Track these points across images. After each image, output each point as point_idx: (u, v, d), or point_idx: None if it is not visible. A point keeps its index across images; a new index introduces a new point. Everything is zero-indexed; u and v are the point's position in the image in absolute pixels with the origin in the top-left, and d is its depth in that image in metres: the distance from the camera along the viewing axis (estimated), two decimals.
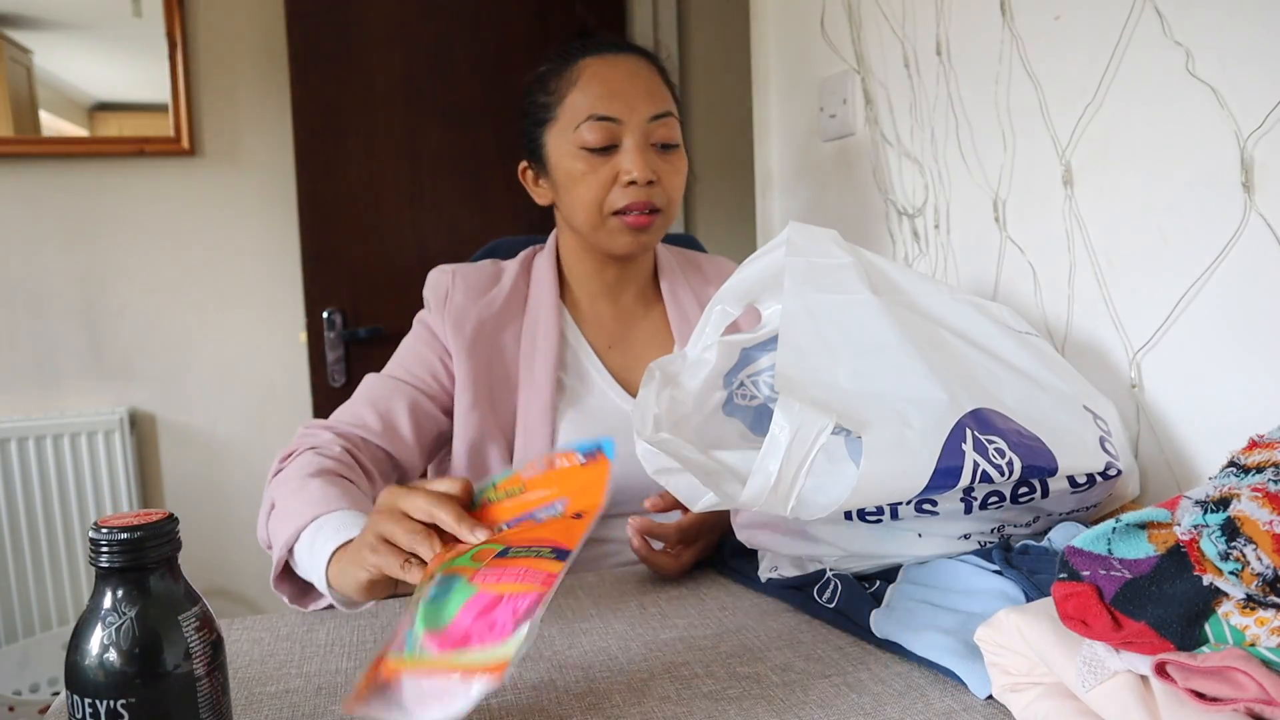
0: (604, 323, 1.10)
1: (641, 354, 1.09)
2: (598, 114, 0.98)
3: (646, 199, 0.99)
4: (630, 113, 0.99)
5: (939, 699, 0.60)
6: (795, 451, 0.63)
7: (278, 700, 0.64)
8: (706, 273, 1.17)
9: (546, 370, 1.03)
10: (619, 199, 0.99)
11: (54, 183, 2.11)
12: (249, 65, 2.20)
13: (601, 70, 1.01)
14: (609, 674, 0.66)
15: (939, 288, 0.84)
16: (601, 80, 1.00)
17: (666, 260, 1.15)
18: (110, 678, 0.46)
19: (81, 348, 2.15)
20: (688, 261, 1.18)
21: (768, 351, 0.87)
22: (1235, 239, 0.74)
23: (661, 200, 1.01)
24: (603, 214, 1.01)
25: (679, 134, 1.03)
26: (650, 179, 0.98)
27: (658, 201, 1.00)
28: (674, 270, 1.14)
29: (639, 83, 1.01)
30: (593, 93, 1.00)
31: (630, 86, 1.00)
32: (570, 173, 1.01)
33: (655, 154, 1.01)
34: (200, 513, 2.23)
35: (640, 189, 0.99)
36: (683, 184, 1.04)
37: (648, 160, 0.99)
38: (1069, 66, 0.89)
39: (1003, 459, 0.68)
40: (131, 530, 0.47)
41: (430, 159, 2.12)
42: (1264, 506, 0.46)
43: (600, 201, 1.00)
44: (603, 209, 1.00)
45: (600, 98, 0.99)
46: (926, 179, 1.13)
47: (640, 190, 0.99)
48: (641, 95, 1.00)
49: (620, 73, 1.01)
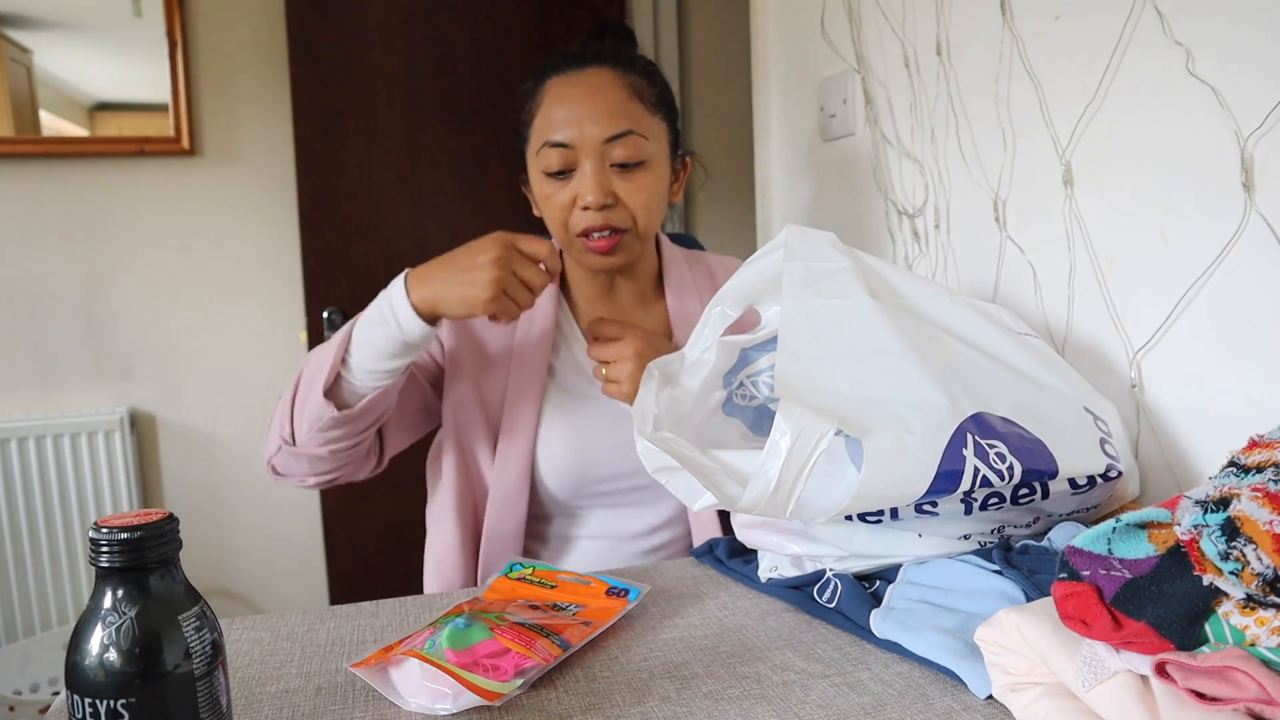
0: (594, 311, 1.10)
1: None
2: (551, 140, 0.98)
3: (604, 222, 0.98)
4: (582, 137, 0.97)
5: (939, 699, 0.60)
6: (796, 457, 0.63)
7: (278, 700, 0.64)
8: (715, 274, 1.16)
9: (539, 354, 1.05)
10: (579, 222, 0.99)
11: (54, 183, 2.11)
12: (249, 65, 2.20)
13: (562, 91, 1.00)
14: (609, 674, 0.66)
15: (937, 290, 0.84)
16: (560, 103, 1.00)
17: (673, 259, 1.15)
18: (110, 678, 0.46)
19: (81, 348, 2.15)
20: (697, 261, 1.17)
21: (767, 352, 0.87)
22: (1235, 239, 0.74)
23: (623, 221, 0.99)
24: (569, 235, 1.01)
25: (645, 150, 0.99)
26: (605, 202, 0.97)
27: (618, 223, 0.99)
28: (681, 270, 1.14)
29: (598, 102, 0.98)
30: (549, 117, 1.00)
31: (586, 108, 0.98)
32: (540, 194, 1.02)
33: (615, 174, 0.99)
34: (200, 513, 2.24)
35: (596, 213, 0.98)
36: (652, 200, 1.01)
37: (601, 183, 0.97)
38: (1069, 66, 0.89)
39: (1003, 463, 0.68)
40: (131, 530, 0.47)
41: (430, 159, 2.12)
42: (1264, 506, 0.46)
43: (565, 223, 1.00)
44: (568, 230, 1.01)
45: (554, 123, 0.99)
46: (926, 179, 1.13)
47: (596, 214, 0.98)
48: (598, 116, 0.97)
49: (579, 92, 0.99)
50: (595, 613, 0.73)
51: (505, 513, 1.03)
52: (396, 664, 0.63)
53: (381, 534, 2.12)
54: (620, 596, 0.76)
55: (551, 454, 1.03)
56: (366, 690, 0.64)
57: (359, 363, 0.93)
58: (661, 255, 1.14)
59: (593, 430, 1.04)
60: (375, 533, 2.13)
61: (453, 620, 0.67)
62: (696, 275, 1.15)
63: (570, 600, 0.76)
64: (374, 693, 0.63)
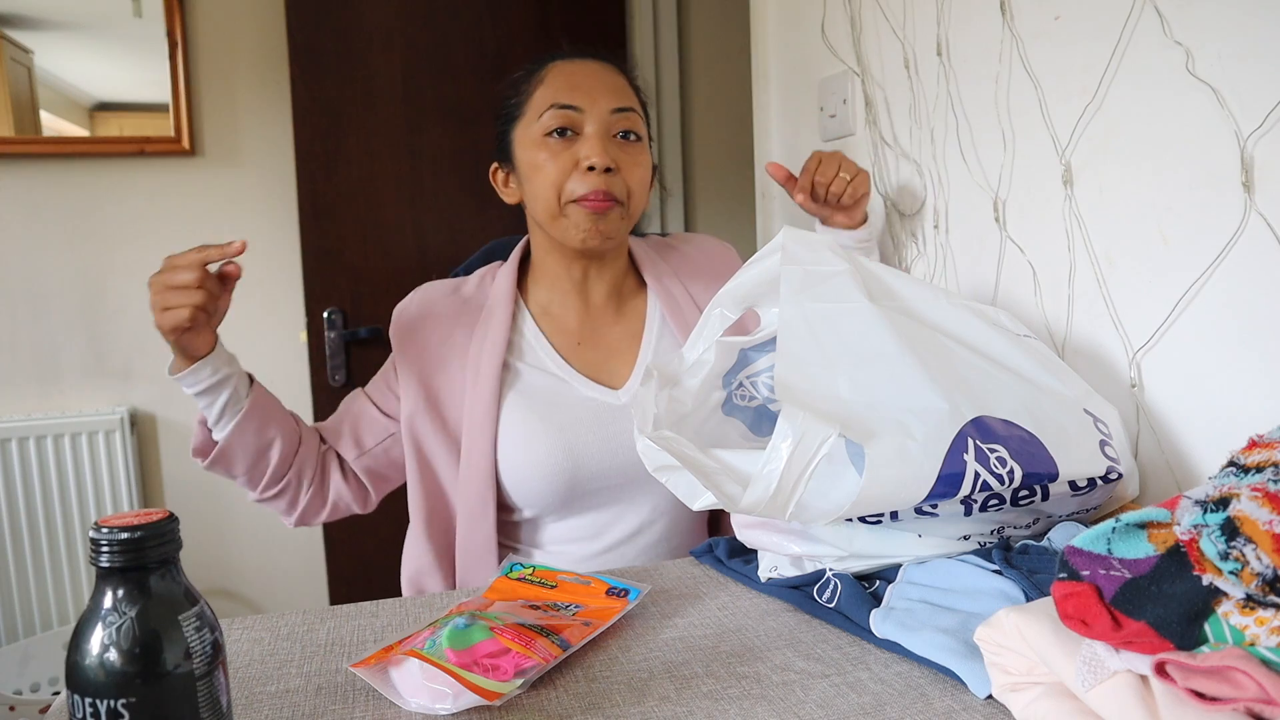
0: (573, 320, 1.10)
1: (615, 349, 1.10)
2: (560, 102, 1.01)
3: (604, 187, 1.00)
4: (592, 103, 1.01)
5: (939, 699, 0.60)
6: (797, 461, 0.63)
7: (278, 700, 0.64)
8: (684, 250, 1.18)
9: (493, 354, 1.04)
10: (578, 186, 1.00)
11: (54, 183, 2.11)
12: (249, 65, 2.20)
13: (568, 69, 1.05)
14: (609, 674, 0.66)
15: (935, 293, 0.84)
16: (566, 75, 1.04)
17: (644, 253, 1.16)
18: (110, 677, 0.46)
19: (81, 348, 2.15)
20: (664, 245, 1.19)
21: (766, 353, 0.87)
22: (1235, 239, 0.74)
23: (620, 191, 1.01)
24: (561, 202, 1.01)
25: (643, 129, 1.05)
26: (609, 165, 0.99)
27: (616, 191, 1.01)
28: (654, 260, 1.15)
29: (604, 79, 1.04)
30: (556, 86, 1.03)
31: (594, 82, 1.03)
32: (533, 162, 1.02)
33: (616, 144, 1.02)
34: (200, 513, 2.23)
35: (599, 176, 0.99)
36: (645, 179, 1.05)
37: (607, 148, 1.00)
38: (1069, 66, 0.89)
39: (1004, 468, 0.68)
40: (131, 530, 0.47)
41: (430, 159, 2.12)
42: (1264, 506, 0.46)
43: (560, 187, 1.01)
44: (561, 197, 1.01)
45: (563, 89, 1.02)
46: (926, 179, 1.13)
47: (599, 177, 0.99)
48: (604, 89, 1.03)
49: (586, 71, 1.05)
50: (595, 613, 0.73)
51: (473, 526, 1.03)
52: (397, 664, 0.63)
53: (381, 534, 2.11)
54: (620, 596, 0.76)
55: (536, 458, 1.01)
56: (366, 690, 0.64)
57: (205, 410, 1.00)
58: (632, 252, 1.15)
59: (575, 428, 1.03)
60: (375, 533, 2.13)
61: (453, 620, 0.67)
62: (670, 260, 1.16)
63: (570, 600, 0.76)
64: (374, 693, 0.63)
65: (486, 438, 1.02)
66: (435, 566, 1.05)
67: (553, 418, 1.02)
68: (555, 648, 0.65)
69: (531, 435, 1.01)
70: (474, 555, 1.03)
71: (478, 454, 1.02)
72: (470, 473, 1.02)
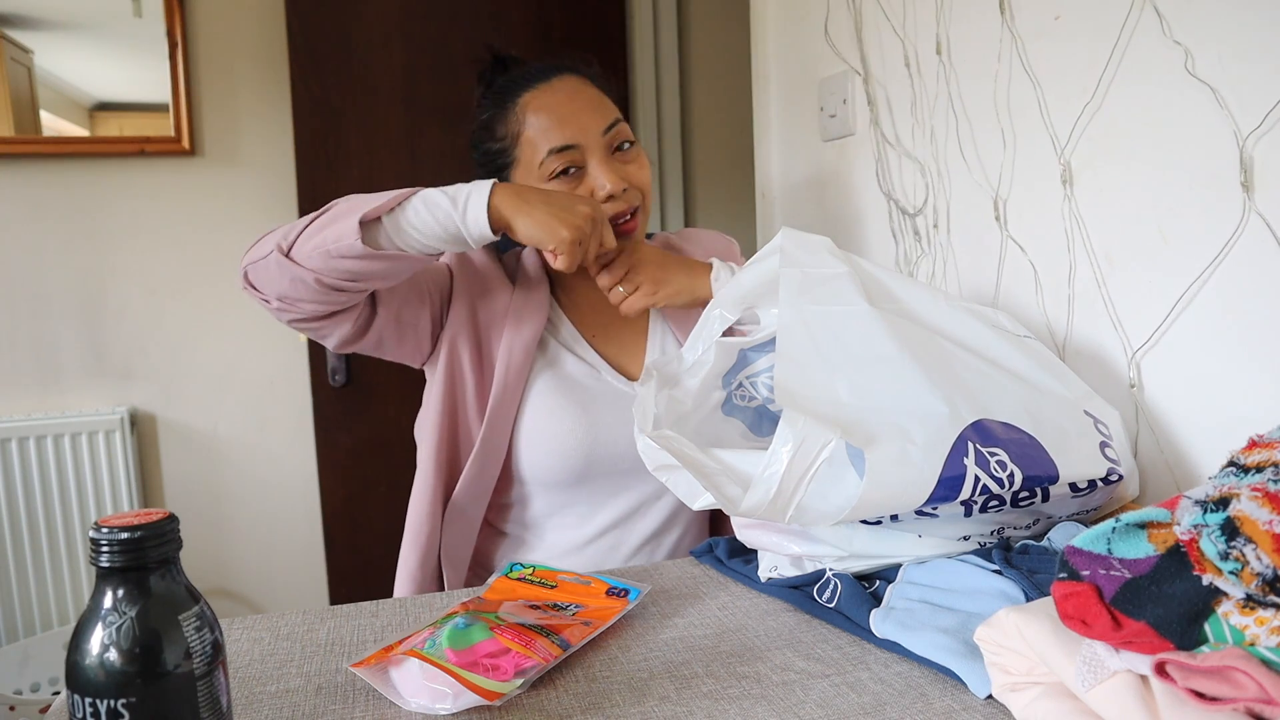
0: (590, 311, 1.12)
1: (629, 344, 1.12)
2: (554, 147, 1.00)
3: (625, 205, 1.02)
4: (584, 133, 1.01)
5: (939, 699, 0.60)
6: (797, 465, 0.63)
7: (278, 700, 0.64)
8: (687, 247, 1.20)
9: (535, 319, 1.06)
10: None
11: (54, 183, 2.11)
12: (249, 65, 2.20)
13: (540, 102, 1.03)
14: (609, 674, 0.66)
15: (935, 294, 0.84)
16: (545, 111, 1.02)
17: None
18: (110, 677, 0.46)
19: (81, 348, 2.15)
20: (668, 244, 1.21)
21: (766, 353, 0.87)
22: (1235, 239, 0.74)
23: (637, 198, 1.04)
24: None
25: (629, 129, 1.06)
26: (624, 187, 1.01)
27: (634, 200, 1.04)
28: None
29: (582, 101, 1.03)
30: (540, 128, 1.01)
31: (574, 107, 1.02)
32: None
33: (618, 159, 1.03)
34: (200, 513, 2.23)
35: (619, 200, 1.02)
36: (649, 173, 1.07)
37: (615, 170, 1.01)
38: (1069, 66, 0.89)
39: (1004, 471, 0.68)
40: (131, 530, 0.47)
41: (430, 159, 2.12)
42: (1264, 506, 0.46)
43: None
44: None
45: (551, 129, 1.01)
46: (927, 178, 1.13)
47: (618, 202, 1.02)
48: (588, 111, 1.02)
49: (559, 97, 1.03)
50: (595, 613, 0.73)
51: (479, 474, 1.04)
52: (397, 664, 0.63)
53: (381, 534, 2.11)
54: (620, 596, 0.76)
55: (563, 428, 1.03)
56: (366, 690, 0.64)
57: (407, 219, 0.90)
58: None
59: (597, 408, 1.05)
60: (375, 533, 2.13)
61: (453, 620, 0.67)
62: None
63: (570, 600, 0.76)
64: (374, 693, 0.63)
65: (513, 399, 1.04)
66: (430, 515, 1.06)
67: (579, 396, 1.05)
68: (555, 648, 0.65)
69: (558, 407, 1.04)
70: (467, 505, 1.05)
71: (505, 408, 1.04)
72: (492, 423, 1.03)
